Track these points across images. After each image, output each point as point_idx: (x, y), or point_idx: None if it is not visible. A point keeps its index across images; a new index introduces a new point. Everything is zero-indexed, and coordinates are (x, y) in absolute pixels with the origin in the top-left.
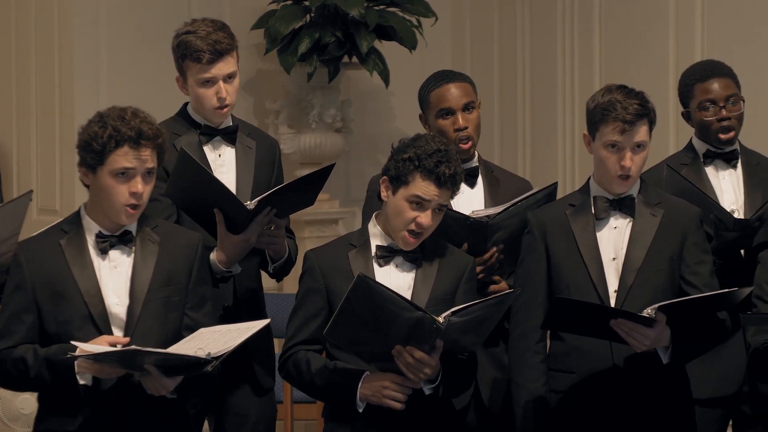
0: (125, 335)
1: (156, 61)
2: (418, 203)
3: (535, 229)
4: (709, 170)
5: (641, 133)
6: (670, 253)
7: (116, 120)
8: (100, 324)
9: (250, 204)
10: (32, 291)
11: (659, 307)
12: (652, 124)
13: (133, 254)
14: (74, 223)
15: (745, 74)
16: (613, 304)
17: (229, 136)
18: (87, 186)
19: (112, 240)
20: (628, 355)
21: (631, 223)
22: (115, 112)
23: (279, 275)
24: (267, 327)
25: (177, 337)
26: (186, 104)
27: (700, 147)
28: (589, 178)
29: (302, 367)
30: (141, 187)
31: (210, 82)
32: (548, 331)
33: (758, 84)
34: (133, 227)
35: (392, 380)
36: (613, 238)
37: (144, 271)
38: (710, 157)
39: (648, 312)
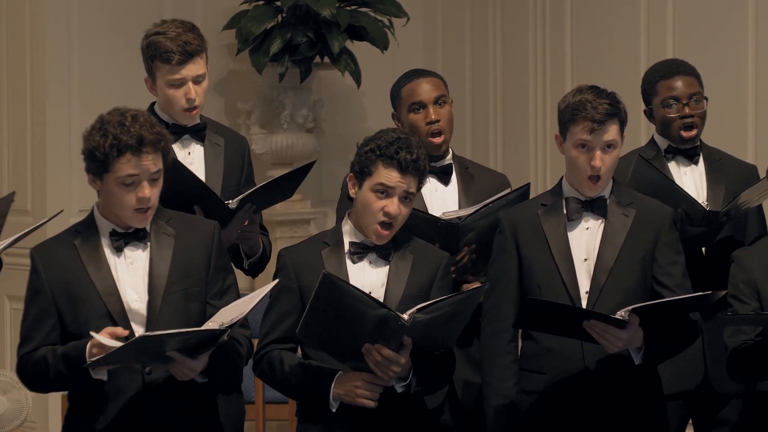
0: (147, 330)
1: (129, 61)
2: (383, 191)
3: (506, 229)
4: (671, 166)
5: (611, 132)
6: (642, 254)
7: (116, 127)
8: (119, 321)
9: (233, 203)
10: (51, 294)
11: (632, 309)
12: (623, 124)
13: (148, 249)
14: (87, 223)
15: (716, 74)
16: (584, 305)
17: (198, 133)
18: (97, 190)
19: (127, 237)
20: (599, 356)
21: (603, 224)
22: (115, 119)
23: (254, 271)
24: None
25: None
26: (153, 103)
27: (662, 143)
28: (561, 179)
29: (276, 365)
30: (148, 191)
31: (179, 83)
32: (520, 331)
33: (728, 83)
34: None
35: (364, 379)
36: (585, 239)
37: (161, 265)
38: (672, 153)
39: (621, 314)
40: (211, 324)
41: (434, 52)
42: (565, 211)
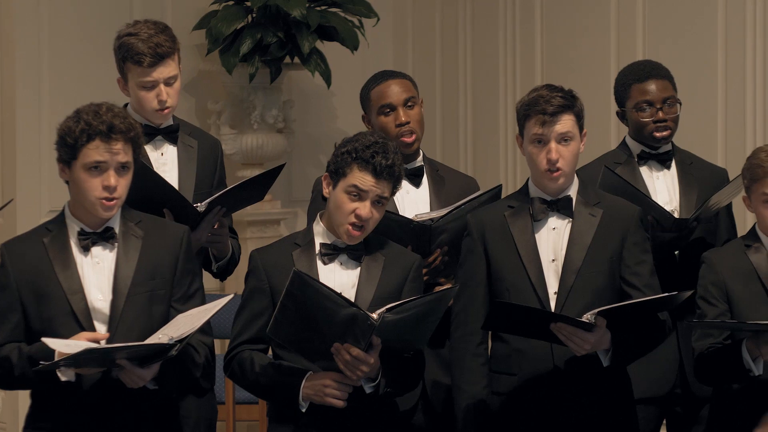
0: (108, 330)
1: (99, 61)
2: (357, 194)
3: (474, 231)
4: (644, 170)
5: (565, 124)
6: (609, 254)
7: (89, 115)
8: (82, 320)
9: (201, 206)
10: (17, 290)
11: (599, 311)
12: (579, 118)
13: (116, 250)
14: (58, 221)
15: (685, 75)
16: (553, 305)
17: (171, 135)
18: (67, 183)
19: (94, 237)
20: (568, 357)
21: (570, 224)
22: (91, 108)
23: (222, 274)
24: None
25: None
26: (126, 105)
27: (635, 147)
28: (528, 180)
29: (246, 366)
30: (114, 180)
31: (151, 85)
32: (489, 333)
33: (698, 85)
34: (116, 223)
35: (333, 379)
36: (552, 240)
37: (127, 266)
38: (644, 158)
39: (587, 317)
40: (161, 337)
41: (404, 53)
42: (531, 212)
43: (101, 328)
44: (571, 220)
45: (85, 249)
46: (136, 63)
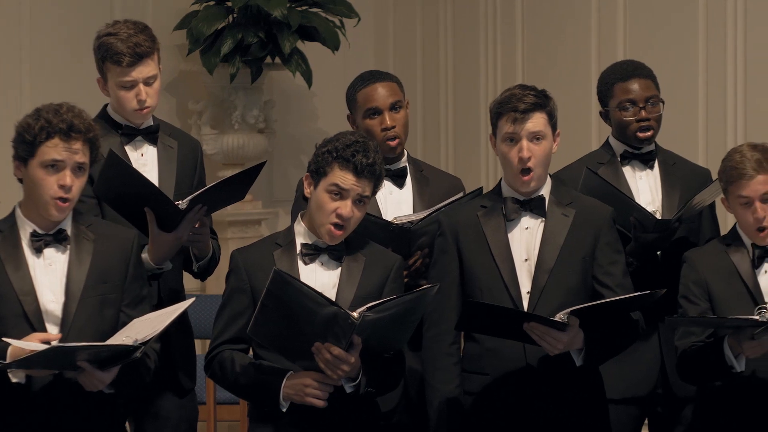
0: (60, 332)
1: (79, 61)
2: (338, 193)
3: (447, 231)
4: (626, 170)
5: (537, 122)
6: (582, 254)
7: (49, 113)
8: (34, 322)
9: (182, 203)
10: None
11: (572, 311)
12: (551, 117)
13: (68, 252)
14: (9, 222)
15: (666, 76)
16: (525, 305)
17: (151, 135)
18: (21, 181)
19: (47, 239)
20: (541, 356)
21: (543, 224)
22: (51, 107)
23: (203, 274)
24: (188, 329)
25: (113, 334)
26: (106, 105)
27: (618, 147)
28: (500, 180)
29: (227, 366)
30: (69, 180)
31: (130, 85)
32: (462, 333)
33: (679, 85)
34: (68, 225)
35: (314, 378)
36: (525, 239)
37: (79, 269)
38: (627, 158)
39: (560, 317)
40: (125, 339)
41: (385, 53)
42: (504, 212)
43: (53, 330)
44: (543, 219)
45: (38, 250)
46: (115, 63)
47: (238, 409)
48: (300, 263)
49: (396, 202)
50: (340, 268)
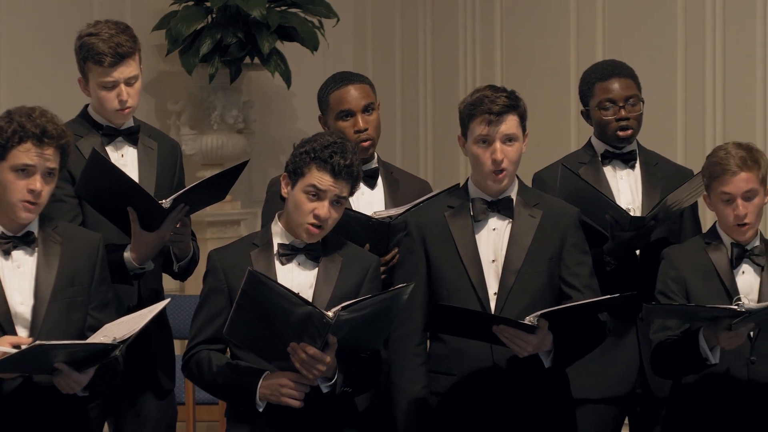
0: (30, 335)
1: (58, 62)
2: (315, 194)
3: (413, 231)
4: (607, 170)
5: (510, 124)
6: (549, 255)
7: (23, 117)
8: (3, 323)
9: (166, 202)
10: None
11: (541, 314)
12: (522, 119)
13: (36, 255)
14: None
15: (645, 75)
16: (493, 306)
17: (131, 136)
18: None
19: (15, 241)
20: (508, 357)
21: (510, 225)
22: (24, 110)
23: (183, 275)
24: (168, 330)
25: (80, 337)
26: (87, 105)
27: (599, 147)
28: (467, 180)
29: (204, 366)
30: (39, 185)
31: (111, 85)
32: (428, 333)
33: (658, 85)
34: (35, 228)
35: (290, 378)
36: (493, 240)
37: (48, 272)
38: (608, 158)
39: (530, 320)
40: (103, 339)
41: (364, 53)
42: (471, 213)
43: (22, 333)
44: (511, 220)
45: (6, 252)
46: (96, 63)
47: (217, 410)
48: (277, 263)
49: (368, 203)
50: (317, 269)
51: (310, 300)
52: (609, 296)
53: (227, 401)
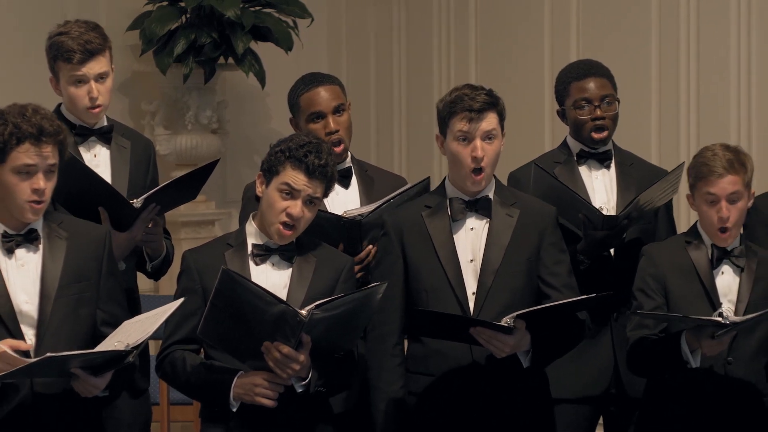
0: (36, 333)
1: (32, 63)
2: (289, 192)
3: (391, 231)
4: (583, 170)
5: (490, 121)
6: (527, 254)
7: (17, 117)
8: (8, 323)
9: (137, 202)
10: None
11: (518, 315)
12: (501, 117)
13: (40, 251)
14: None
15: (619, 75)
16: (471, 306)
17: (104, 136)
18: None
19: (18, 239)
20: (487, 355)
21: (488, 224)
22: (16, 109)
23: (156, 274)
24: None
25: (90, 333)
26: (59, 105)
27: (574, 146)
28: (444, 179)
29: (178, 366)
30: (43, 183)
31: (81, 81)
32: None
33: (632, 84)
34: (39, 225)
35: (264, 378)
36: (471, 240)
37: (53, 268)
38: (584, 157)
39: (507, 321)
40: (117, 344)
41: (338, 53)
42: (449, 212)
43: (28, 332)
44: (488, 220)
45: (9, 251)
46: (66, 60)
47: (191, 410)
48: (251, 264)
49: (342, 203)
50: (291, 269)
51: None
52: (586, 296)
53: (201, 401)
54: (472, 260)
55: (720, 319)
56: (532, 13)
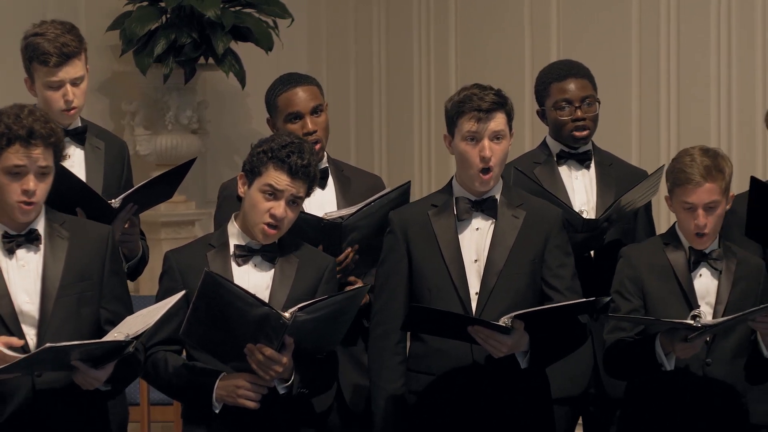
0: (38, 333)
1: (9, 62)
2: (272, 193)
3: (396, 229)
4: (563, 170)
5: (498, 121)
6: (532, 256)
7: (11, 118)
8: (9, 324)
9: (115, 202)
10: None
11: (516, 315)
12: (510, 117)
13: (41, 252)
14: None
15: (600, 75)
16: (474, 306)
17: (78, 136)
18: None
19: (19, 240)
20: (488, 355)
21: (493, 225)
22: (13, 111)
23: (133, 274)
24: None
25: (93, 332)
26: (34, 106)
27: (554, 146)
28: (452, 179)
29: (160, 367)
30: (33, 185)
31: (57, 85)
32: (408, 332)
33: (612, 85)
34: (40, 225)
35: (246, 380)
36: (476, 240)
37: (54, 268)
38: (564, 157)
39: (505, 321)
40: (117, 335)
41: (318, 53)
42: (455, 212)
43: (30, 332)
44: (494, 221)
45: (10, 252)
46: (42, 63)
47: (171, 410)
48: (233, 264)
49: (319, 203)
50: (273, 270)
51: (267, 301)
52: (585, 299)
53: (183, 402)
54: (476, 260)
55: (692, 322)
56: (512, 14)
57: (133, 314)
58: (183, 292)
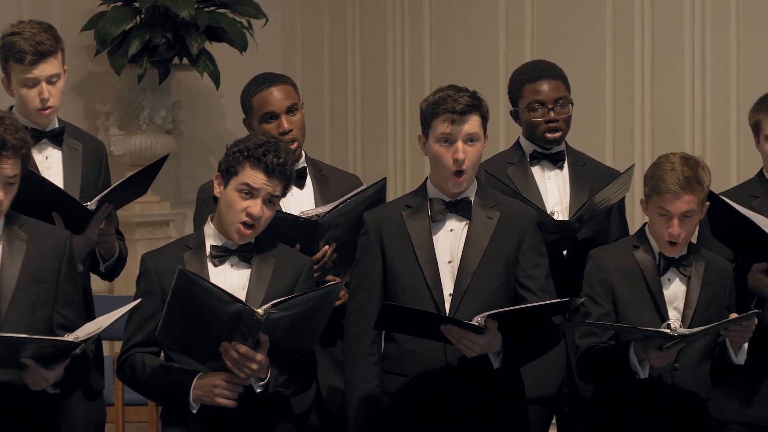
0: None
1: None
2: (248, 192)
3: (370, 230)
4: (536, 170)
5: (473, 124)
6: (506, 257)
7: None
8: None
9: (91, 204)
10: None
11: (489, 315)
12: (484, 119)
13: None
14: None
15: (574, 76)
16: (447, 307)
17: (56, 138)
18: None
19: None
20: (461, 356)
21: (467, 226)
22: None
23: (110, 275)
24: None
25: (47, 335)
26: (12, 107)
27: (527, 147)
28: (426, 180)
29: (138, 369)
30: (1, 195)
31: (32, 83)
32: (383, 333)
33: (587, 86)
34: None
35: (222, 379)
36: (449, 241)
37: (11, 269)
38: (537, 158)
39: (478, 320)
40: (67, 335)
41: (293, 53)
42: (429, 213)
43: None
44: (468, 222)
45: None
46: (17, 61)
47: (146, 411)
48: (210, 265)
49: (297, 203)
50: (249, 270)
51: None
52: (558, 300)
53: (161, 403)
54: (450, 261)
55: (668, 331)
56: (486, 14)
57: (90, 322)
58: (137, 302)
